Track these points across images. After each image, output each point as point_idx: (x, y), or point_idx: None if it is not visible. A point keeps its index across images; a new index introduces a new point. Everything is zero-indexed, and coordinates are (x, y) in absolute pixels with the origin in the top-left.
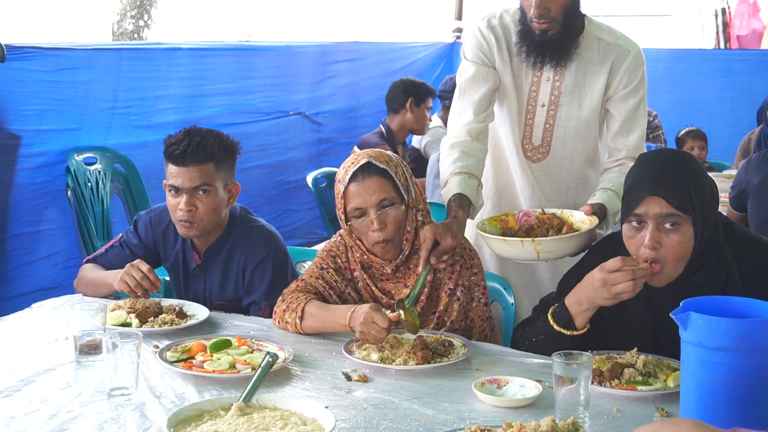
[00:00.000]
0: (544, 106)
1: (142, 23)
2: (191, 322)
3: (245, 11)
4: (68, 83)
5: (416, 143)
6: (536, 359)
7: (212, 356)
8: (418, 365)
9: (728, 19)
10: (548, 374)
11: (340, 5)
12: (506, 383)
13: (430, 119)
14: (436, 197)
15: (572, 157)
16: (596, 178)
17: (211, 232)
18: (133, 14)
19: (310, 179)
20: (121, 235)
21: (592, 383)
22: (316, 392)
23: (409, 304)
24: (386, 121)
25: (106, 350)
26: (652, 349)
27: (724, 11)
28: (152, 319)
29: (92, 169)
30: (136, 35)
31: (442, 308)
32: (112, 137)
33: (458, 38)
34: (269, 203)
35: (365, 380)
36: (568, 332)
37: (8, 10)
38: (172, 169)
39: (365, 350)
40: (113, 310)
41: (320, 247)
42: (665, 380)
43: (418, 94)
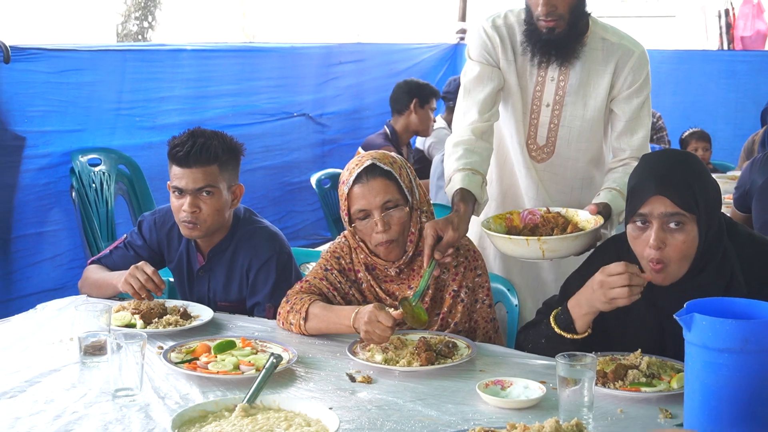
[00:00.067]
0: (548, 105)
1: (146, 24)
2: (195, 323)
3: (249, 13)
4: (72, 84)
5: (420, 144)
6: (540, 360)
7: (216, 357)
8: (422, 366)
9: (731, 20)
10: (552, 375)
11: (343, 7)
12: (510, 384)
13: (434, 120)
14: (439, 198)
15: (577, 157)
16: (601, 178)
17: (215, 233)
18: (137, 16)
19: (314, 180)
20: (125, 236)
21: (596, 384)
22: (320, 393)
23: (415, 300)
24: (390, 122)
25: (110, 351)
26: (656, 350)
27: (727, 12)
28: (157, 320)
29: (96, 170)
30: (140, 36)
31: (446, 310)
32: (116, 138)
33: (462, 39)
34: (273, 204)
35: (369, 381)
36: (568, 335)
37: (13, 11)
38: (175, 170)
39: (369, 351)
40: (118, 311)
41: (324, 248)
42: (669, 382)
43: (422, 95)
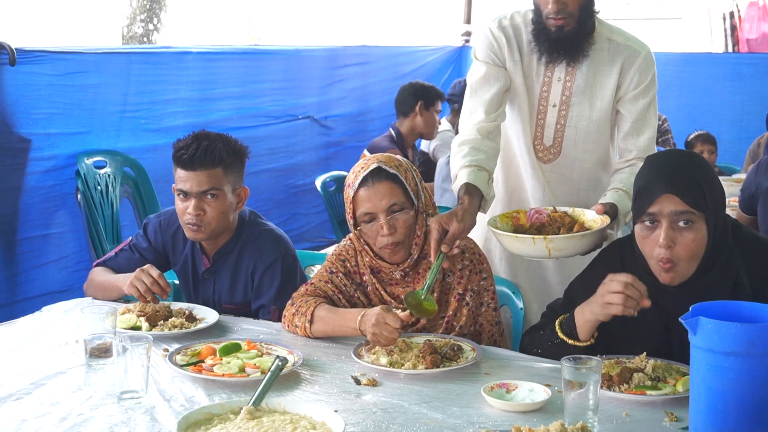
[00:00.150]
0: (555, 106)
1: (151, 27)
2: (201, 325)
3: (254, 15)
4: (78, 87)
5: (425, 147)
6: (545, 364)
7: (222, 360)
8: (427, 369)
9: (736, 22)
10: (557, 379)
11: (348, 9)
12: (515, 387)
13: (439, 123)
14: (444, 201)
15: (584, 158)
16: (608, 181)
17: (219, 235)
18: (142, 18)
19: (318, 183)
20: (130, 238)
21: (601, 388)
22: (325, 396)
23: (424, 293)
24: (395, 124)
25: (116, 353)
26: (662, 351)
27: (732, 15)
28: (162, 322)
29: (102, 172)
30: (145, 39)
31: (451, 313)
32: (121, 141)
33: (467, 42)
34: (278, 207)
35: (374, 384)
36: (570, 341)
37: (18, 14)
38: (180, 173)
39: (374, 354)
40: (123, 313)
41: (330, 250)
42: (675, 385)
43: (427, 97)
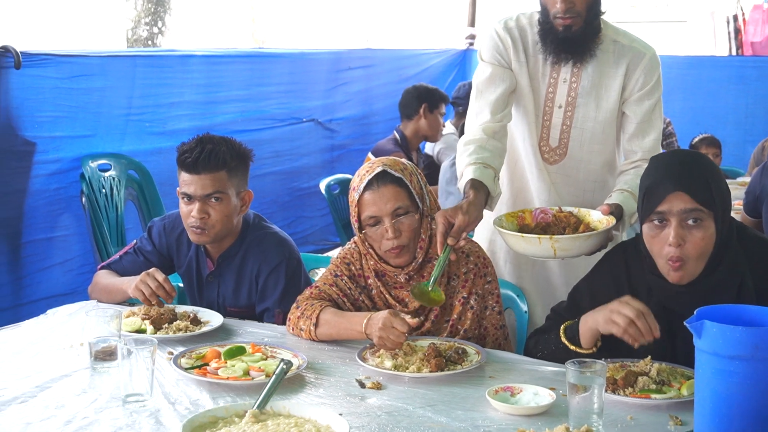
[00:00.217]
0: (561, 107)
1: (156, 30)
2: (205, 328)
3: (259, 18)
4: (83, 90)
5: (429, 150)
6: (550, 367)
7: (226, 363)
8: (431, 373)
9: (740, 25)
10: (562, 382)
11: (353, 12)
12: (520, 391)
13: (443, 125)
14: (448, 204)
15: (589, 159)
16: (614, 182)
17: (224, 238)
18: (147, 21)
19: (323, 186)
20: (135, 241)
21: (605, 391)
22: (330, 399)
23: (430, 285)
24: (400, 127)
25: (121, 357)
26: (666, 353)
27: (736, 18)
28: (167, 325)
29: (106, 175)
30: (150, 42)
31: (455, 317)
32: (126, 144)
33: (471, 45)
34: (282, 210)
35: (379, 387)
36: (572, 347)
37: (23, 17)
38: (184, 176)
39: (379, 357)
40: (128, 316)
41: (334, 253)
42: (679, 388)
43: (431, 100)
